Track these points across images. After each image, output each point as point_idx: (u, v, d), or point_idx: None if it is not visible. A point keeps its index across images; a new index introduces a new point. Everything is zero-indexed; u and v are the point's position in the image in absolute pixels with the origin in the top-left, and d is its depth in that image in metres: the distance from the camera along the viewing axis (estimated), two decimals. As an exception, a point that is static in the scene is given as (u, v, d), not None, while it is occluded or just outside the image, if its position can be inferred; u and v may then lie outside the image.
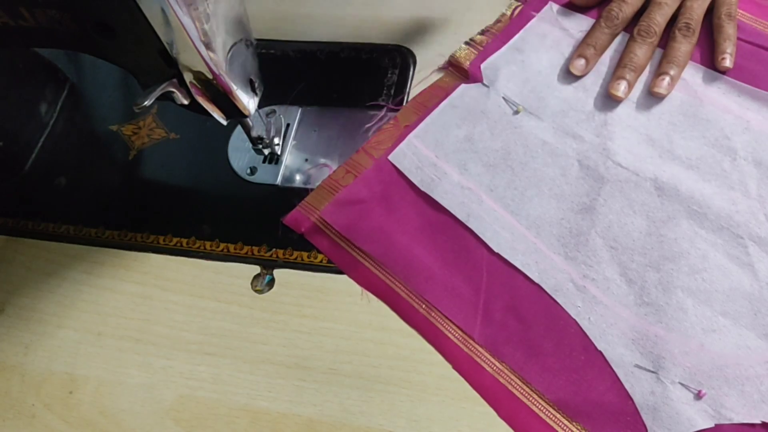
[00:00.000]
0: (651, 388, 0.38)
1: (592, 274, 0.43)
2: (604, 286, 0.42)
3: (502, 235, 0.45)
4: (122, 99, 0.60)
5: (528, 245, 0.44)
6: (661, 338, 0.40)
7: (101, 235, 0.52)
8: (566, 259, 0.43)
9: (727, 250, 0.42)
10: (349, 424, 0.42)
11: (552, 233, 0.45)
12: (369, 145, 0.51)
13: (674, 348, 0.39)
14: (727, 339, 0.39)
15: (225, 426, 0.43)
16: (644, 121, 0.47)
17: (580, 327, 0.41)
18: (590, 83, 0.50)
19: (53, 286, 0.51)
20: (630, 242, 0.43)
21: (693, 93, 0.48)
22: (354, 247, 0.46)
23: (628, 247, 0.43)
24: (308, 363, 0.44)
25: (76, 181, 0.56)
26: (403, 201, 0.48)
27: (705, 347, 0.39)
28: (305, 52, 0.58)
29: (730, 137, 0.46)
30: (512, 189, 0.47)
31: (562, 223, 0.45)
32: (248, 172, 0.52)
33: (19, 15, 0.40)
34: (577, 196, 0.46)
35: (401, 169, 0.49)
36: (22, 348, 0.49)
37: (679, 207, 0.44)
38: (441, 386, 0.42)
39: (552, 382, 0.40)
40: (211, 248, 0.50)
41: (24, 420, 0.46)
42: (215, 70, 0.40)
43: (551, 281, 0.43)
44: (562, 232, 0.44)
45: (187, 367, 0.46)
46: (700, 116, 0.47)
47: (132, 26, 0.37)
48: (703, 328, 0.40)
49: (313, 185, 0.50)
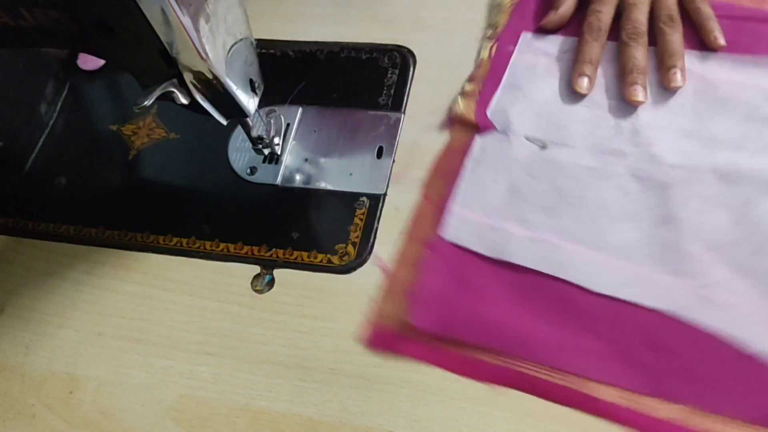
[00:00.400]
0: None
1: (706, 281, 0.41)
2: (725, 288, 0.40)
3: (598, 273, 0.42)
4: (122, 99, 0.60)
5: (628, 275, 0.42)
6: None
7: (101, 235, 0.52)
8: (675, 275, 0.41)
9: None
10: (349, 424, 0.42)
11: (647, 254, 0.42)
12: (411, 232, 0.47)
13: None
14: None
15: (225, 426, 0.43)
16: (672, 119, 0.47)
17: (723, 338, 0.39)
18: (599, 98, 0.49)
19: (53, 286, 0.51)
20: (726, 237, 0.42)
21: (701, 79, 0.48)
22: (457, 343, 0.42)
23: (726, 243, 0.42)
24: (308, 363, 0.44)
25: (76, 181, 0.56)
26: (479, 276, 0.44)
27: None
28: (305, 52, 0.58)
29: (759, 107, 0.46)
30: (582, 224, 0.44)
31: (650, 240, 0.43)
32: (248, 172, 0.52)
33: (19, 15, 0.40)
34: (650, 209, 0.44)
35: (462, 244, 0.45)
36: (22, 348, 0.49)
37: (750, 187, 0.43)
38: (441, 386, 0.42)
39: (732, 402, 0.38)
40: (211, 248, 0.50)
41: (24, 420, 0.46)
42: (215, 70, 0.40)
43: (672, 303, 0.40)
44: (655, 251, 0.42)
45: (187, 367, 0.46)
46: (720, 98, 0.47)
47: (132, 26, 0.37)
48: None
49: (313, 185, 0.50)
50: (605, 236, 0.44)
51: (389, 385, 0.43)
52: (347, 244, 0.48)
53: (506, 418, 0.40)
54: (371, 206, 0.49)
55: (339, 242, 0.48)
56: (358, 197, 0.49)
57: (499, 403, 0.41)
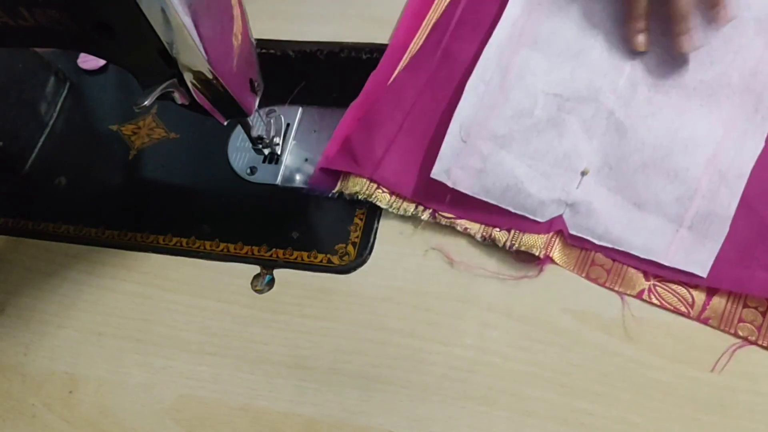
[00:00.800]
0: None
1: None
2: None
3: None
4: (122, 99, 0.60)
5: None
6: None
7: (101, 235, 0.52)
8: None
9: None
10: (349, 424, 0.42)
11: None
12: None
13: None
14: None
15: (225, 426, 0.43)
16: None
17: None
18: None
19: (53, 286, 0.51)
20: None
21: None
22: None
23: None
24: (308, 363, 0.44)
25: (76, 180, 0.56)
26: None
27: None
28: (305, 52, 0.58)
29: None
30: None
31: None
32: (248, 172, 0.52)
33: (18, 15, 0.40)
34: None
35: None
36: (22, 348, 0.49)
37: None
38: (441, 386, 0.42)
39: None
40: (211, 248, 0.50)
41: (24, 420, 0.46)
42: (215, 71, 0.40)
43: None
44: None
45: (187, 367, 0.46)
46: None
47: (132, 26, 0.37)
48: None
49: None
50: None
51: (389, 385, 0.43)
52: (347, 244, 0.48)
53: (506, 418, 0.40)
54: (371, 206, 0.49)
55: (339, 242, 0.48)
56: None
57: (499, 403, 0.41)
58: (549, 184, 0.45)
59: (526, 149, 0.46)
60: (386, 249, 0.47)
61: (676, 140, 0.44)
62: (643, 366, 0.40)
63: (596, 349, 0.41)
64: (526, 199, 0.45)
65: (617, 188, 0.44)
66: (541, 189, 0.45)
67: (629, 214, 0.43)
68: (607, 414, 0.39)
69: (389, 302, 0.45)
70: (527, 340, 0.42)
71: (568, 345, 0.41)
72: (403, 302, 0.45)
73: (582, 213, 0.44)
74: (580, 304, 0.42)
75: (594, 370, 0.41)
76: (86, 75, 0.61)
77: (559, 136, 0.46)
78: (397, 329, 0.44)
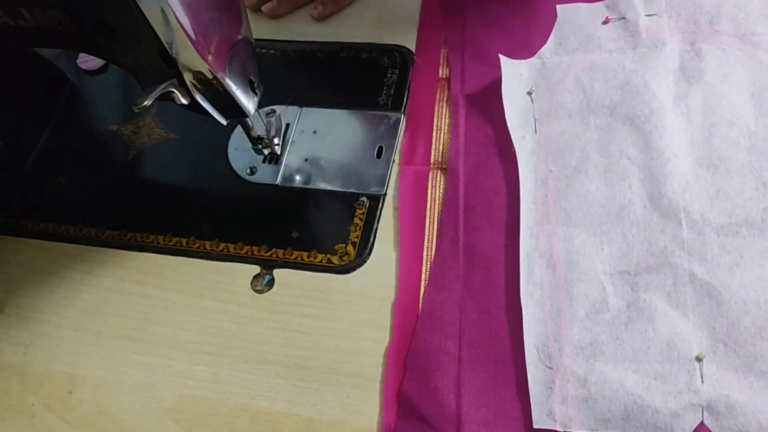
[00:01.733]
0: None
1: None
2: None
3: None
4: (122, 99, 0.60)
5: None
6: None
7: (101, 235, 0.52)
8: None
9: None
10: (348, 424, 0.42)
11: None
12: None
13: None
14: None
15: (224, 425, 0.43)
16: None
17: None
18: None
19: (53, 286, 0.51)
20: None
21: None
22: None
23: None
24: (308, 363, 0.44)
25: (76, 180, 0.56)
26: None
27: None
28: (305, 52, 0.58)
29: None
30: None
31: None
32: (248, 172, 0.52)
33: (19, 15, 0.40)
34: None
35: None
36: (21, 348, 0.49)
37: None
38: (440, 386, 0.42)
39: None
40: (211, 248, 0.50)
41: (23, 420, 0.46)
42: (215, 71, 0.40)
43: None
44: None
45: (186, 367, 0.46)
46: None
47: (132, 26, 0.37)
48: None
49: (313, 185, 0.50)
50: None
51: (389, 385, 0.43)
52: (347, 243, 0.48)
53: (505, 419, 0.40)
54: (371, 206, 0.49)
55: (339, 242, 0.48)
56: (358, 197, 0.49)
57: (498, 403, 0.41)
58: (671, 388, 0.37)
59: (622, 352, 0.39)
60: (386, 249, 0.47)
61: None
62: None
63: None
64: (656, 417, 0.37)
65: (745, 366, 0.37)
66: (665, 397, 0.37)
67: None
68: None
69: (389, 302, 0.45)
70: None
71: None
72: (402, 302, 0.45)
73: (723, 412, 0.36)
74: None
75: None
76: (86, 75, 0.61)
77: (650, 323, 0.39)
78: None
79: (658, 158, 0.44)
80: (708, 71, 0.46)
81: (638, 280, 0.41)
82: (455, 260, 0.44)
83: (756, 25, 0.47)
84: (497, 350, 0.41)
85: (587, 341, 0.40)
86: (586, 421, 0.38)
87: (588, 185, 0.44)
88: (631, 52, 0.48)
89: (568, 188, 0.45)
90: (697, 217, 0.42)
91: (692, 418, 0.37)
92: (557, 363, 0.39)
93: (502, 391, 0.40)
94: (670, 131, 0.45)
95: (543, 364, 0.40)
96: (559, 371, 0.39)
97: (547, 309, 0.41)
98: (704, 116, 0.45)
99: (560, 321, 0.41)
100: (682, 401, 0.37)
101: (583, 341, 0.40)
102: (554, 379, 0.39)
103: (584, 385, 0.39)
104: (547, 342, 0.40)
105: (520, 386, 0.40)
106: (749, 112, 0.44)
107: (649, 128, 0.45)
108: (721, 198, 0.42)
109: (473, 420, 0.39)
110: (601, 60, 0.49)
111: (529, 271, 0.43)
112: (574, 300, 0.41)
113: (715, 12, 0.48)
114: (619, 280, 0.41)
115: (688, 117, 0.45)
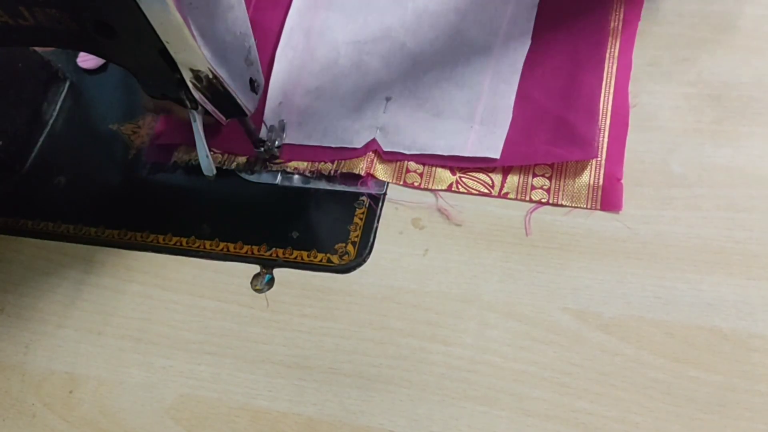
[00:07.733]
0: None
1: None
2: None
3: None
4: (122, 98, 0.60)
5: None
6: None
7: (101, 235, 0.52)
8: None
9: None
10: (349, 424, 0.42)
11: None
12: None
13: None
14: None
15: (225, 425, 0.43)
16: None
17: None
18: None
19: (53, 286, 0.51)
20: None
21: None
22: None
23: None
24: (308, 362, 0.44)
25: (76, 180, 0.56)
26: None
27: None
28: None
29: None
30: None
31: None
32: (248, 171, 0.52)
33: (18, 14, 0.40)
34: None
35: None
36: (22, 347, 0.49)
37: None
38: (441, 386, 0.42)
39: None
40: (210, 248, 0.50)
41: (24, 419, 0.46)
42: (215, 70, 0.40)
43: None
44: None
45: (187, 367, 0.46)
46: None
47: (132, 26, 0.37)
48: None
49: (312, 185, 0.50)
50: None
51: (389, 384, 0.43)
52: (347, 243, 0.48)
53: (506, 418, 0.40)
54: (371, 206, 0.49)
55: (339, 241, 0.48)
56: (358, 196, 0.49)
57: (499, 403, 0.41)
58: (360, 116, 0.51)
59: (337, 94, 0.52)
60: (386, 249, 0.47)
61: (459, 54, 0.51)
62: (642, 366, 0.40)
63: (596, 349, 0.41)
64: (343, 133, 0.51)
65: (417, 105, 0.50)
66: (354, 121, 0.51)
67: (430, 123, 0.49)
68: (607, 414, 0.39)
69: (389, 302, 0.45)
70: (527, 340, 0.42)
71: (567, 345, 0.41)
72: (403, 302, 0.45)
73: (391, 132, 0.50)
74: (579, 304, 0.42)
75: (593, 370, 0.41)
76: (86, 74, 0.61)
77: (363, 76, 0.52)
78: (397, 329, 0.44)
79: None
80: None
81: (365, 47, 0.54)
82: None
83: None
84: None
85: (314, 86, 0.53)
86: (295, 137, 0.52)
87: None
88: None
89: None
90: (420, 7, 0.54)
91: (368, 134, 0.50)
92: (288, 100, 0.53)
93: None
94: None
95: (276, 102, 0.53)
96: (286, 105, 0.53)
97: (294, 65, 0.54)
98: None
99: (300, 73, 0.54)
100: (366, 123, 0.51)
101: (311, 86, 0.53)
102: (281, 112, 0.53)
103: (301, 115, 0.52)
104: (286, 87, 0.54)
105: (257, 116, 0.52)
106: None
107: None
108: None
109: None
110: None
111: (289, 39, 0.55)
112: (314, 60, 0.54)
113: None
114: (352, 47, 0.54)
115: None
